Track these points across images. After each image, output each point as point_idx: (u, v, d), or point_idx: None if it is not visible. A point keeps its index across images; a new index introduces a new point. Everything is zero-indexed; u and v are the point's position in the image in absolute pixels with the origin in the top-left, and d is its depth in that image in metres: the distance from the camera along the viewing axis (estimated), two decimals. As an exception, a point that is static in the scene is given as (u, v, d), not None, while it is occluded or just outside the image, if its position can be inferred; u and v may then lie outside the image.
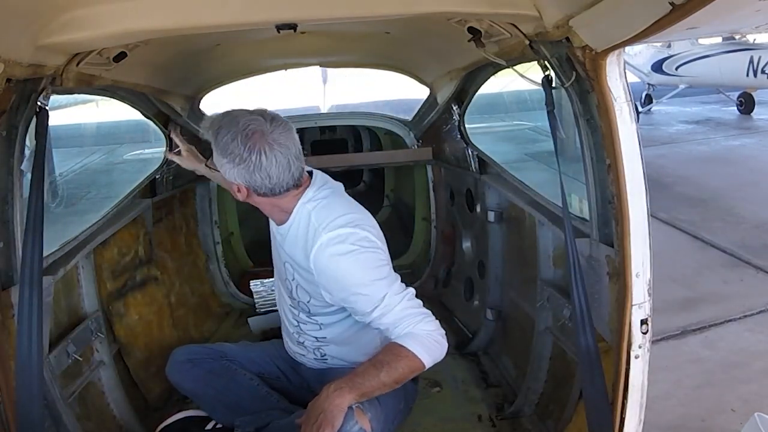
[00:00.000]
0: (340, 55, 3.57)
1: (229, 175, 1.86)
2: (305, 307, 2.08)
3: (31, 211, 1.68)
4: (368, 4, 1.63)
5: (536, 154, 4.52)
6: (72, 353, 2.14)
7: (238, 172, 1.84)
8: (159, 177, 3.25)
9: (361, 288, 1.87)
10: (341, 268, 1.87)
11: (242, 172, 1.83)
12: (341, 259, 1.87)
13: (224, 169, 1.87)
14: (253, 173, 1.83)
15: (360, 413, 1.92)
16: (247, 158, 1.81)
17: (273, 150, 1.81)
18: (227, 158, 1.83)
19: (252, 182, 1.85)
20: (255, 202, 1.96)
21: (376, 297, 1.86)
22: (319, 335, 2.15)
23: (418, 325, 1.85)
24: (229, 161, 1.83)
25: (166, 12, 1.56)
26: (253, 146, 1.80)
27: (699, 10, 1.14)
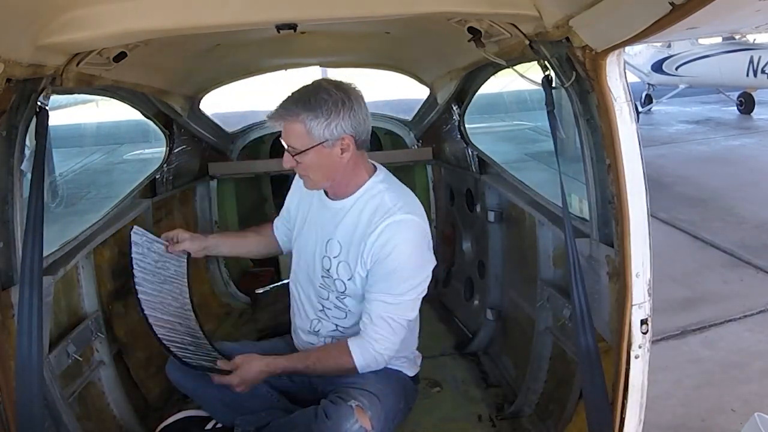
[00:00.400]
0: (340, 55, 3.57)
1: (333, 131, 1.89)
2: (342, 286, 2.09)
3: (31, 211, 1.68)
4: (368, 4, 1.63)
5: (536, 154, 4.53)
6: (72, 353, 2.14)
7: (345, 121, 1.89)
8: (159, 177, 3.26)
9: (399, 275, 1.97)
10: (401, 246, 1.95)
11: (348, 118, 1.89)
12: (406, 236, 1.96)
13: (321, 129, 1.89)
14: (358, 114, 1.91)
15: (360, 412, 1.92)
16: (348, 103, 1.89)
17: (358, 93, 1.95)
18: (327, 116, 1.87)
19: (358, 126, 1.92)
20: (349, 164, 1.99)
21: (399, 290, 1.98)
22: (341, 323, 2.16)
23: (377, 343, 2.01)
24: (334, 115, 1.88)
25: (166, 12, 1.56)
26: (348, 92, 1.91)
27: (699, 10, 1.14)
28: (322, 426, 1.90)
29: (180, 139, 3.43)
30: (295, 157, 1.95)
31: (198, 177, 3.81)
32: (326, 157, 1.95)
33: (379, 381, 2.09)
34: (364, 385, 2.04)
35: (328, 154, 1.94)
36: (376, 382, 2.07)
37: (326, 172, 2.00)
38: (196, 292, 3.58)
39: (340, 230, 2.06)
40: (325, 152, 1.93)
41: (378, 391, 2.04)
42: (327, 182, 2.04)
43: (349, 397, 1.97)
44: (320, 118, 1.88)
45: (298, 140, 1.93)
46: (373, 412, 1.95)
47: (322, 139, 1.90)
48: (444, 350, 3.13)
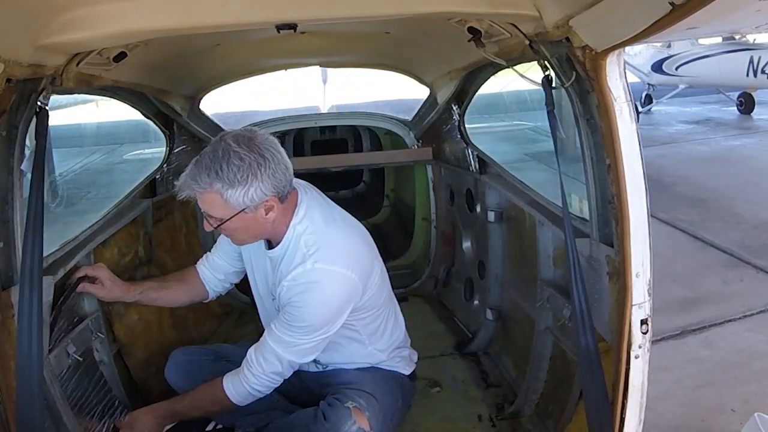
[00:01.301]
0: (340, 55, 3.57)
1: (253, 197, 1.78)
2: None
3: (31, 211, 1.68)
4: (368, 4, 1.63)
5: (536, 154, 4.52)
6: (72, 353, 2.14)
7: (264, 184, 1.77)
8: (159, 177, 3.26)
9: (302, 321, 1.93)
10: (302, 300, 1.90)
11: (266, 178, 1.77)
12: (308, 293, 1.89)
13: (240, 197, 1.77)
14: (276, 171, 1.78)
15: (358, 413, 1.92)
16: (263, 162, 1.75)
17: (267, 140, 1.80)
18: (248, 182, 1.75)
19: (278, 183, 1.80)
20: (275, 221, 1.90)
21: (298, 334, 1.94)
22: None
23: (254, 376, 2.00)
24: (252, 181, 1.75)
25: (166, 12, 1.56)
26: (259, 146, 1.76)
27: (699, 10, 1.14)
28: (321, 428, 1.90)
29: (180, 139, 3.43)
30: (218, 227, 1.87)
31: None
32: (251, 220, 1.85)
33: (376, 381, 2.10)
34: (362, 386, 2.04)
35: (252, 217, 1.84)
36: (373, 383, 2.08)
37: (253, 232, 1.92)
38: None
39: (279, 276, 2.01)
40: (248, 217, 1.83)
41: (375, 391, 2.05)
42: (256, 240, 1.99)
43: (346, 398, 1.97)
44: (236, 187, 1.75)
45: (216, 210, 1.83)
46: (370, 412, 1.96)
47: (242, 207, 1.79)
48: (444, 350, 3.13)
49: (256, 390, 2.02)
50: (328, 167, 3.93)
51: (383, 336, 2.20)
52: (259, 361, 2.00)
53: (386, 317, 2.20)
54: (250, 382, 2.01)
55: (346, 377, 2.14)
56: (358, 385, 2.06)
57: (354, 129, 5.03)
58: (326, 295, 1.91)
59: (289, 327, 1.95)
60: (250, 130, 1.83)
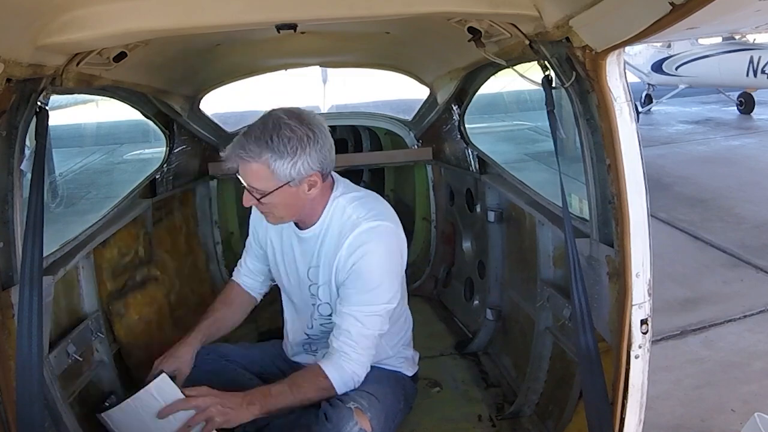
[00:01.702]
0: (340, 55, 3.57)
1: (299, 170, 1.79)
2: (327, 309, 2.07)
3: (31, 211, 1.68)
4: (368, 4, 1.63)
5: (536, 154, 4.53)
6: (72, 353, 2.14)
7: (311, 158, 1.79)
8: (159, 177, 3.26)
9: (373, 284, 1.92)
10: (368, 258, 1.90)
11: (315, 153, 1.79)
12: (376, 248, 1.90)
13: (286, 169, 1.78)
14: (323, 147, 1.80)
15: (360, 413, 1.92)
16: (312, 136, 1.78)
17: (316, 118, 1.82)
18: (296, 155, 1.76)
19: (323, 159, 1.82)
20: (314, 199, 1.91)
21: (369, 300, 1.92)
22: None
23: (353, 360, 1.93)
24: (300, 154, 1.77)
25: (166, 12, 1.56)
26: (309, 122, 1.79)
27: (699, 10, 1.14)
28: (322, 429, 1.90)
29: (180, 139, 3.43)
30: (260, 200, 1.86)
31: (198, 177, 3.80)
32: (292, 196, 1.85)
33: (378, 382, 2.10)
34: (363, 386, 2.04)
35: (295, 192, 1.85)
36: (375, 383, 2.07)
37: (292, 209, 1.92)
38: (196, 292, 3.61)
39: (318, 257, 2.01)
40: (291, 191, 1.84)
41: (377, 391, 2.04)
42: (293, 218, 1.98)
43: (348, 399, 1.97)
44: (285, 158, 1.76)
45: (261, 182, 1.82)
46: (372, 413, 1.95)
47: (288, 179, 1.80)
48: (444, 350, 3.13)
49: (359, 377, 1.98)
50: None
51: (393, 329, 2.19)
52: (357, 347, 1.94)
53: (400, 310, 2.20)
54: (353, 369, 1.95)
55: None
56: (360, 385, 2.06)
57: (354, 129, 5.03)
58: (387, 249, 1.92)
59: (361, 298, 1.92)
60: (297, 108, 1.85)
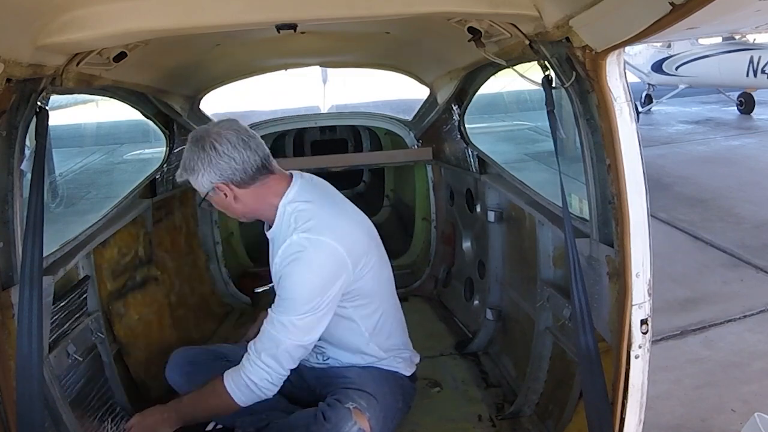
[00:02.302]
0: (340, 55, 3.57)
1: (205, 184, 1.98)
2: None
3: (31, 211, 1.68)
4: (368, 4, 1.63)
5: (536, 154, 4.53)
6: (72, 353, 2.14)
7: (206, 173, 1.95)
8: (159, 177, 3.26)
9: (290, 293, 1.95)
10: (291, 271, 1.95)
11: (209, 169, 1.95)
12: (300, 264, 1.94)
13: (199, 184, 1.99)
14: (217, 162, 1.94)
15: (358, 413, 1.92)
16: (204, 154, 1.94)
17: (221, 135, 1.95)
18: (195, 172, 1.96)
19: (223, 172, 1.95)
20: (245, 202, 2.03)
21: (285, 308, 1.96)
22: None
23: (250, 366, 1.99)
24: (197, 171, 1.96)
25: (166, 12, 1.56)
26: (203, 142, 1.95)
27: (699, 10, 1.14)
28: (321, 429, 1.90)
29: (180, 139, 3.42)
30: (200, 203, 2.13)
31: None
32: (220, 202, 2.05)
33: (376, 382, 2.10)
34: (362, 386, 2.04)
35: (219, 200, 2.04)
36: (373, 383, 2.08)
37: (231, 212, 2.08)
38: (196, 291, 3.61)
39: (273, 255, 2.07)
40: (216, 199, 2.04)
41: (376, 392, 2.05)
42: (242, 217, 2.13)
43: (347, 399, 1.97)
44: (192, 175, 1.99)
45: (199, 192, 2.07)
46: (371, 413, 1.96)
47: (205, 191, 2.02)
48: (444, 350, 3.13)
49: (254, 384, 1.99)
50: (328, 167, 3.94)
51: (383, 333, 2.19)
52: (257, 348, 1.99)
53: (387, 315, 2.21)
54: (248, 374, 1.99)
55: (346, 377, 2.14)
56: (358, 385, 2.06)
57: (354, 129, 5.04)
58: (312, 265, 1.94)
59: (279, 303, 1.98)
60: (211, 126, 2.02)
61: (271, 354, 1.97)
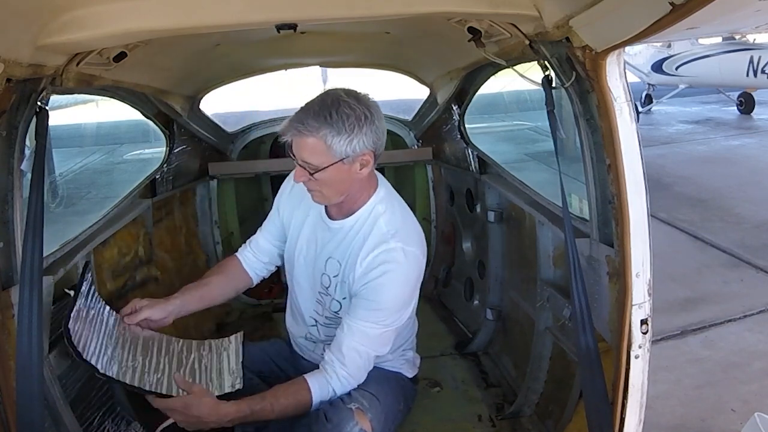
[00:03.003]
0: (340, 55, 3.57)
1: (354, 148, 1.80)
2: (337, 306, 2.06)
3: (31, 211, 1.68)
4: (368, 4, 1.63)
5: (536, 154, 4.53)
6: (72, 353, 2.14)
7: (367, 137, 1.81)
8: (159, 177, 3.26)
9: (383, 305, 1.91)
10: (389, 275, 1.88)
11: (370, 133, 1.81)
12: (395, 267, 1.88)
13: (342, 146, 1.79)
14: (378, 127, 1.84)
15: (360, 414, 1.92)
16: (369, 116, 1.81)
17: (371, 99, 1.86)
18: (353, 132, 1.78)
19: (377, 141, 1.85)
20: (363, 180, 1.92)
21: (374, 319, 1.91)
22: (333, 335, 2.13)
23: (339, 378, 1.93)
24: (357, 132, 1.79)
25: (166, 12, 1.56)
26: (367, 104, 1.83)
27: (699, 10, 1.14)
28: (323, 429, 1.89)
29: (180, 139, 3.43)
30: (313, 174, 1.84)
31: (198, 177, 3.81)
32: (344, 173, 1.85)
33: (378, 382, 2.09)
34: (364, 387, 2.04)
35: (347, 170, 1.85)
36: (375, 384, 2.07)
37: (341, 188, 1.91)
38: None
39: (340, 250, 2.00)
40: (344, 168, 1.84)
41: (377, 392, 2.04)
42: (340, 198, 1.95)
43: (349, 399, 1.96)
44: (342, 135, 1.78)
45: (316, 157, 1.81)
46: (372, 413, 1.95)
47: (342, 156, 1.80)
48: (444, 350, 3.13)
49: (335, 393, 1.95)
50: None
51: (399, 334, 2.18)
52: (345, 362, 1.93)
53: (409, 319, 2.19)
54: (335, 387, 1.94)
55: None
56: (360, 385, 2.06)
57: (354, 129, 5.03)
58: (409, 278, 1.92)
59: (367, 314, 1.90)
60: (353, 89, 1.88)
61: (357, 366, 1.94)
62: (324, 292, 2.09)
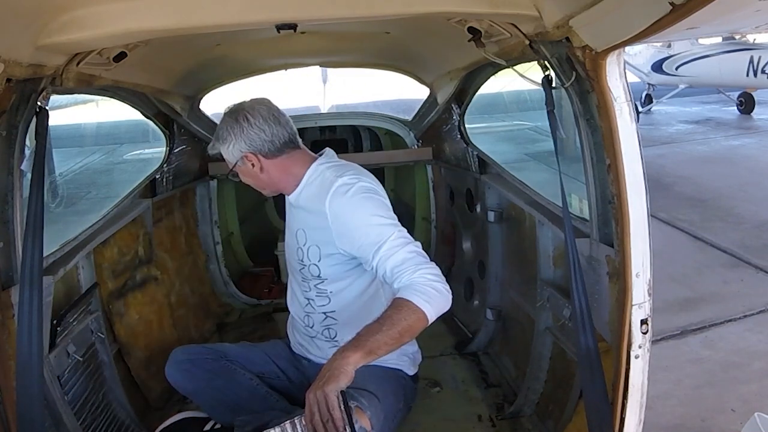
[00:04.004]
0: (340, 55, 3.57)
1: (235, 153, 2.06)
2: (316, 270, 2.10)
3: (31, 211, 1.68)
4: (368, 4, 1.63)
5: (536, 154, 4.52)
6: (72, 353, 2.14)
7: (237, 143, 2.04)
8: (159, 177, 3.26)
9: (371, 224, 1.96)
10: (354, 204, 1.98)
11: (239, 139, 2.03)
12: (355, 196, 1.99)
13: (228, 153, 2.08)
14: (247, 133, 2.03)
15: (359, 412, 1.92)
16: (236, 125, 2.03)
17: (254, 109, 2.05)
18: (226, 141, 2.05)
19: (252, 143, 2.04)
20: (270, 173, 2.10)
21: (384, 235, 1.93)
22: (328, 309, 2.16)
23: (417, 272, 1.85)
24: (228, 140, 2.05)
25: (166, 12, 1.56)
26: (237, 114, 2.05)
27: (699, 10, 1.14)
28: (322, 426, 1.89)
29: (180, 139, 3.43)
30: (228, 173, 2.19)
31: (198, 177, 3.81)
32: (247, 173, 2.12)
33: (378, 380, 2.09)
34: (364, 385, 2.04)
35: (246, 170, 2.11)
36: (375, 382, 2.07)
37: (256, 182, 2.15)
38: (196, 291, 3.61)
39: (300, 218, 2.15)
40: (243, 169, 2.11)
41: (377, 390, 2.04)
42: (267, 189, 2.19)
43: (348, 397, 1.96)
44: (223, 145, 2.08)
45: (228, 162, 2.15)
46: (372, 411, 1.95)
47: (233, 161, 2.10)
48: (444, 350, 3.13)
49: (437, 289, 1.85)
50: None
51: None
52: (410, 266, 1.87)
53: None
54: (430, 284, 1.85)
55: None
56: (360, 384, 2.05)
57: (354, 129, 5.04)
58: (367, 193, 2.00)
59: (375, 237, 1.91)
60: (246, 101, 2.11)
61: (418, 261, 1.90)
62: (302, 265, 2.14)
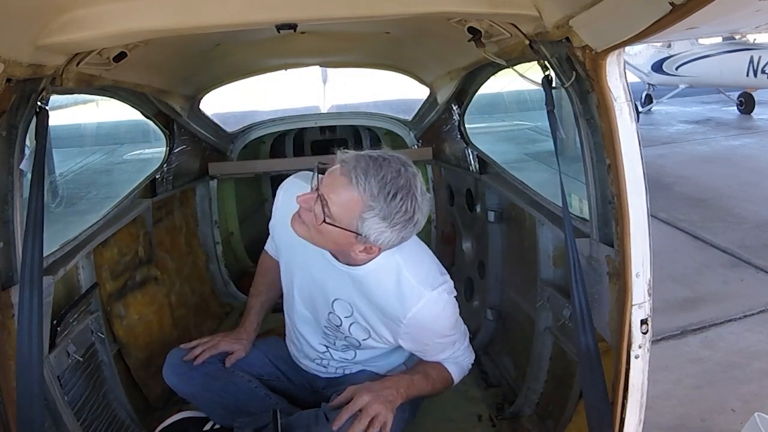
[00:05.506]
0: (340, 55, 3.57)
1: (381, 239, 1.64)
2: (355, 342, 2.06)
3: (31, 211, 1.68)
4: (368, 4, 1.63)
5: (536, 154, 4.52)
6: (72, 353, 2.14)
7: (395, 235, 1.65)
8: (159, 177, 3.26)
9: (445, 342, 2.04)
10: (436, 320, 1.96)
11: (400, 232, 1.65)
12: (442, 312, 1.95)
13: (375, 235, 1.63)
14: (403, 232, 1.66)
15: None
16: (412, 220, 1.64)
17: (422, 206, 1.66)
18: (393, 226, 1.62)
19: (393, 242, 1.68)
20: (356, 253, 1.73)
21: (448, 350, 2.06)
22: (349, 357, 2.16)
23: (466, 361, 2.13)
24: (396, 228, 1.63)
25: (166, 12, 1.56)
26: (422, 206, 1.66)
27: (699, 10, 1.14)
28: (323, 429, 1.89)
29: (180, 139, 3.43)
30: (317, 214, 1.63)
31: (198, 177, 3.81)
32: (343, 239, 1.67)
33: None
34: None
35: (349, 240, 1.67)
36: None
37: (329, 245, 1.77)
38: (196, 291, 3.61)
39: (353, 295, 1.93)
40: (348, 236, 1.65)
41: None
42: (320, 246, 1.78)
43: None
44: (381, 223, 1.61)
45: (340, 210, 1.61)
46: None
47: (360, 232, 1.63)
48: None
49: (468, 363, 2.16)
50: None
51: None
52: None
53: None
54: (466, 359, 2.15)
55: (355, 381, 2.11)
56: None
57: (354, 129, 5.03)
58: (453, 306, 2.00)
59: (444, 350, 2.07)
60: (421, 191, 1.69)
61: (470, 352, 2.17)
62: (332, 328, 2.06)
